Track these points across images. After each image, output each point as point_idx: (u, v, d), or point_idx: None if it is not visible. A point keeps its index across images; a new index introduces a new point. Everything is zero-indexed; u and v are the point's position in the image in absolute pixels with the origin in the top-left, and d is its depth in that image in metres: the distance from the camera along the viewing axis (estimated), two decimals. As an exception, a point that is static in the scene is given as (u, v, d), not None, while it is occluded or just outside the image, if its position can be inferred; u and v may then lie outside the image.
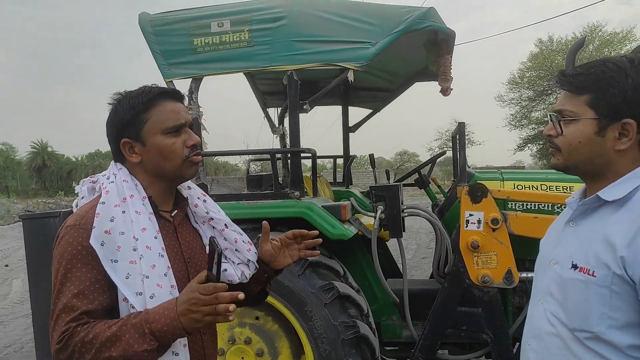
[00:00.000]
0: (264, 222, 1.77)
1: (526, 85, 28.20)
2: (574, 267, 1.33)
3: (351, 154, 5.04)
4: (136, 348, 1.32)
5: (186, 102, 1.61)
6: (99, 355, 1.33)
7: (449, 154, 5.03)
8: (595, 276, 1.27)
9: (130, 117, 1.51)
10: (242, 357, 3.21)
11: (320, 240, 1.81)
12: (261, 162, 5.85)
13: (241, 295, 1.34)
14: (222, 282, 1.71)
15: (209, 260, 1.38)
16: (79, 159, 63.36)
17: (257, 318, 3.22)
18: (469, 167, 3.61)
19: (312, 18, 3.23)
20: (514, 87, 28.89)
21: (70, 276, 1.40)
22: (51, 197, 36.71)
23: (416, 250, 10.99)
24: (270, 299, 3.04)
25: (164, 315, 1.35)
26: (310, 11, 3.27)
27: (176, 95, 1.59)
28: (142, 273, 1.41)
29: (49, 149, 60.08)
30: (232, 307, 1.32)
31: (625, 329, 1.25)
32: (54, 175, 58.86)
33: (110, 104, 1.57)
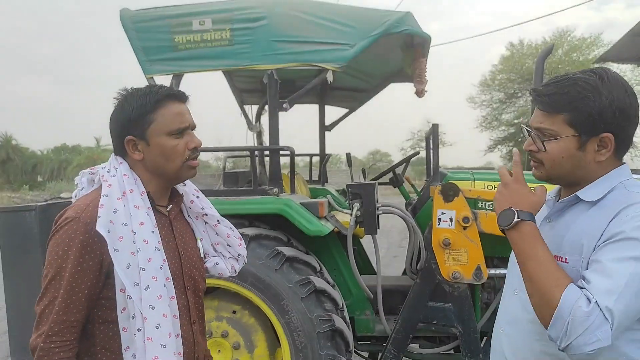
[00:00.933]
0: None
1: (497, 88, 28.79)
2: None
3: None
4: None
5: (189, 103, 1.67)
6: None
7: (423, 154, 5.15)
8: (567, 262, 1.40)
9: (136, 116, 1.56)
10: (219, 350, 3.27)
11: None
12: (234, 159, 5.87)
13: None
14: (212, 275, 1.81)
15: None
16: (45, 152, 61.91)
17: (234, 312, 3.28)
18: (441, 168, 3.73)
19: (292, 19, 3.30)
20: (485, 89, 29.47)
21: (65, 266, 1.46)
22: (15, 192, 35.82)
23: (388, 249, 11.16)
24: (247, 293, 3.12)
25: None
26: (291, 12, 3.34)
27: (182, 97, 1.65)
28: (139, 265, 1.48)
29: (13, 142, 58.56)
30: None
31: None
32: (18, 169, 57.40)
33: (116, 99, 1.62)
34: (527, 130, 1.49)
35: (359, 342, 3.71)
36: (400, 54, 3.83)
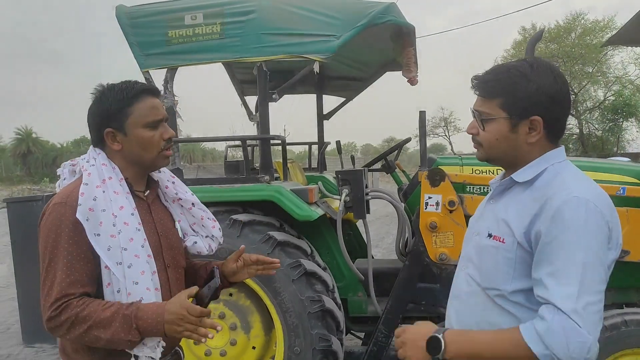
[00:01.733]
0: (242, 246, 1.98)
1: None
2: (489, 235, 1.57)
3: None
4: (122, 337, 1.55)
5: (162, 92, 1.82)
6: (88, 332, 1.55)
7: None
8: (504, 242, 1.51)
9: (115, 110, 1.70)
10: (217, 331, 3.42)
11: (279, 264, 2.01)
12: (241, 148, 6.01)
13: (219, 328, 1.62)
14: (192, 254, 1.95)
15: (206, 281, 1.68)
16: (64, 145, 62.82)
17: (230, 294, 3.44)
18: (430, 154, 3.83)
19: (280, 12, 3.42)
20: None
21: (60, 248, 1.58)
22: (36, 184, 36.52)
23: (390, 234, 11.30)
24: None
25: (152, 317, 1.57)
26: (279, 5, 3.45)
27: (155, 92, 1.79)
28: (120, 246, 1.62)
29: (34, 136, 59.51)
30: (210, 335, 1.58)
31: (525, 287, 1.48)
32: (38, 161, 58.34)
33: (93, 94, 1.75)
34: (472, 111, 1.62)
35: (354, 323, 3.85)
36: (391, 44, 3.92)
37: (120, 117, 1.71)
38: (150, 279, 1.66)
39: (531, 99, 1.49)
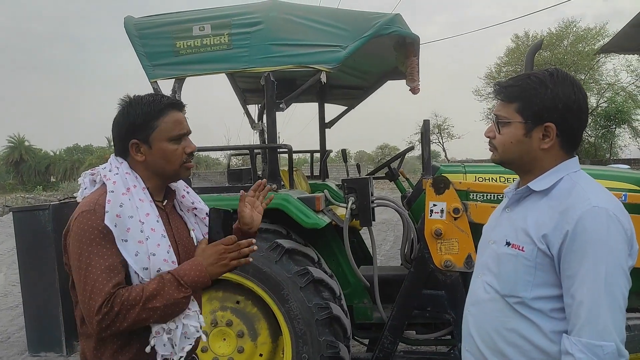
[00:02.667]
0: (242, 191, 2.07)
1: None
2: (507, 244, 1.62)
3: (335, 149, 5.32)
4: (176, 296, 1.64)
5: (186, 111, 1.87)
6: (144, 308, 1.60)
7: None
8: (523, 250, 1.56)
9: (141, 122, 1.75)
10: (224, 339, 3.46)
11: (266, 183, 2.11)
12: (242, 156, 6.06)
13: (255, 247, 1.77)
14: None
15: (214, 225, 1.78)
16: (57, 153, 62.57)
17: (237, 302, 3.47)
18: (434, 161, 3.88)
19: (287, 23, 3.47)
20: (491, 82, 29.43)
21: (96, 252, 1.61)
22: (29, 192, 36.33)
23: (394, 242, 11.32)
24: (249, 284, 3.30)
25: (193, 269, 1.69)
26: (286, 16, 3.50)
27: (180, 106, 1.85)
28: (148, 251, 1.66)
29: (26, 143, 59.26)
30: (254, 246, 1.76)
31: (545, 294, 1.53)
32: (31, 169, 58.09)
33: (120, 104, 1.80)
34: (492, 115, 1.70)
35: (359, 330, 3.88)
36: (394, 53, 3.98)
37: (146, 130, 1.76)
38: None
39: (546, 106, 1.55)
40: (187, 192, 1.99)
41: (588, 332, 1.40)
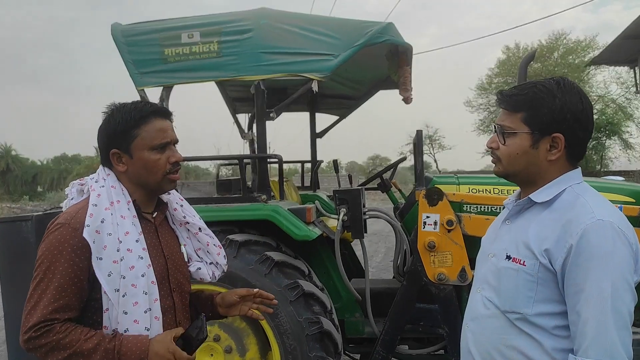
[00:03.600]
0: (257, 289, 1.93)
1: (494, 91, 28.88)
2: (508, 257, 1.55)
3: (326, 159, 5.25)
4: None
5: (174, 119, 1.78)
6: (70, 358, 1.50)
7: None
8: (525, 265, 1.49)
9: (121, 130, 1.67)
10: (212, 354, 3.35)
11: (276, 302, 1.95)
12: (232, 166, 5.97)
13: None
14: (194, 280, 1.91)
15: (193, 326, 1.67)
16: (44, 162, 62.04)
17: (225, 317, 3.36)
18: (427, 172, 3.82)
19: (278, 31, 3.41)
20: (482, 93, 29.62)
21: (54, 269, 1.54)
22: (15, 202, 35.93)
23: (385, 253, 11.26)
24: (238, 298, 3.20)
25: (135, 353, 1.53)
26: (276, 24, 3.45)
27: (166, 114, 1.75)
28: (120, 273, 1.57)
29: (13, 153, 58.72)
30: None
31: (547, 311, 1.46)
32: (18, 179, 57.53)
33: (104, 112, 1.72)
34: (494, 126, 1.62)
35: (350, 345, 3.79)
36: (386, 63, 3.93)
37: (126, 139, 1.67)
38: (144, 310, 1.61)
39: (555, 116, 1.49)
40: (181, 205, 1.89)
41: (595, 352, 1.34)
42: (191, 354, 1.59)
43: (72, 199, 1.75)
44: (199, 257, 1.93)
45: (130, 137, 1.67)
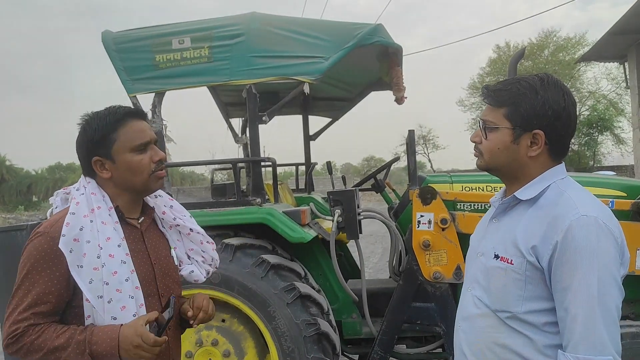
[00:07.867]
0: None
1: (485, 90, 29.04)
2: (496, 257, 1.56)
3: (320, 161, 5.26)
4: None
5: (149, 117, 1.79)
6: (47, 356, 1.53)
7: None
8: (512, 264, 1.50)
9: (100, 137, 1.67)
10: (210, 359, 3.35)
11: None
12: (227, 171, 5.98)
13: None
14: (189, 282, 1.91)
15: (164, 307, 1.66)
16: (39, 172, 61.75)
17: (223, 320, 3.37)
18: (421, 172, 3.84)
19: (269, 35, 3.42)
20: (474, 92, 29.72)
21: (31, 277, 1.56)
22: (10, 212, 35.72)
23: (382, 254, 11.26)
24: (235, 301, 3.21)
25: (106, 341, 1.54)
26: (267, 28, 3.46)
27: (141, 115, 1.76)
28: (103, 279, 1.57)
29: (7, 163, 58.42)
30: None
31: (537, 308, 1.48)
32: (12, 189, 57.23)
33: (79, 124, 1.72)
34: (478, 120, 1.64)
35: (348, 345, 3.80)
36: (377, 64, 3.95)
37: (105, 144, 1.67)
38: (132, 314, 1.61)
39: (536, 112, 1.50)
40: (171, 207, 1.89)
41: (584, 348, 1.35)
42: (160, 336, 1.59)
43: (56, 207, 1.76)
44: (189, 258, 1.94)
45: (110, 141, 1.67)
